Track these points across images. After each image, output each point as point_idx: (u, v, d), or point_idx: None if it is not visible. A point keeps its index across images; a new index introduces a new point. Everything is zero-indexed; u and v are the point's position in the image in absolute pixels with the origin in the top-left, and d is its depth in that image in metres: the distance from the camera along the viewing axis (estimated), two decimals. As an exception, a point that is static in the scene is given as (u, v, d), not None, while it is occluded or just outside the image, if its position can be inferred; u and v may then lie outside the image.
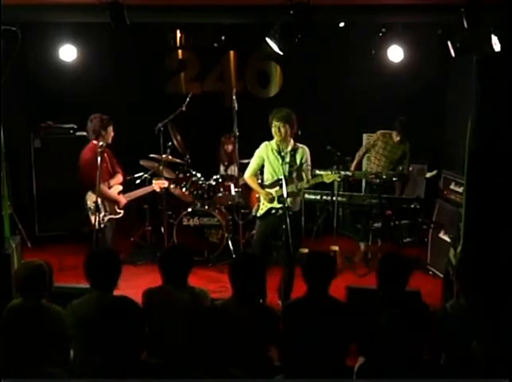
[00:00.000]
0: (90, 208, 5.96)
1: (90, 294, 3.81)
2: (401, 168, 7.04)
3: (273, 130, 5.43)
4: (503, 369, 3.38)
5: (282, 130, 5.38)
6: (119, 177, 6.27)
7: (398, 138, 6.95)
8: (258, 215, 5.66)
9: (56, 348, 3.66)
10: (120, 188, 6.22)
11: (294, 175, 5.49)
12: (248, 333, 3.57)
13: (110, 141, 6.01)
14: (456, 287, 3.90)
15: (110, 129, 6.01)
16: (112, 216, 6.11)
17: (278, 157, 5.44)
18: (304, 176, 5.54)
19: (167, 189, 6.64)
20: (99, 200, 5.86)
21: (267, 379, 3.68)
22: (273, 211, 5.53)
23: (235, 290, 3.78)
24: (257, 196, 5.76)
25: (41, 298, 3.76)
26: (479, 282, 3.64)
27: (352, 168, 7.15)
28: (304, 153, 5.53)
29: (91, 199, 5.96)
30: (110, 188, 6.13)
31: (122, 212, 6.18)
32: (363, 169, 7.34)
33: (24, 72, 7.12)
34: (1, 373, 3.07)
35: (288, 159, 5.41)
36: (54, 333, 3.64)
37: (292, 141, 5.52)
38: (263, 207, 5.61)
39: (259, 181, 5.84)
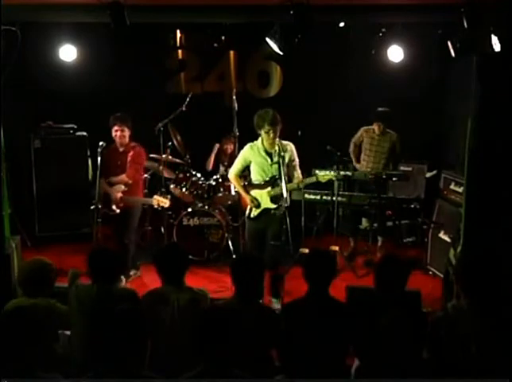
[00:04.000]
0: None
1: (93, 286, 3.94)
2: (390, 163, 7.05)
3: (264, 134, 5.43)
4: (503, 369, 3.38)
5: (274, 133, 5.38)
6: (122, 178, 6.21)
7: (380, 130, 6.98)
8: (252, 216, 5.65)
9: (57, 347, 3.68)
10: (122, 187, 6.17)
11: (283, 174, 5.47)
12: (249, 333, 3.56)
13: (116, 141, 6.15)
14: (456, 287, 3.90)
15: (113, 129, 6.13)
16: (105, 211, 6.14)
17: (267, 157, 5.44)
18: (295, 173, 5.55)
19: (163, 207, 6.33)
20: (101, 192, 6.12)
21: (267, 379, 3.69)
22: (267, 212, 5.52)
23: (237, 290, 3.78)
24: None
25: (44, 296, 3.79)
26: (478, 282, 3.63)
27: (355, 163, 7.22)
28: (291, 150, 5.55)
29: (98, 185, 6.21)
30: (109, 183, 6.19)
31: (117, 210, 6.15)
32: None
33: (24, 72, 7.11)
34: (1, 373, 3.06)
35: (276, 159, 5.39)
36: (55, 332, 3.65)
37: (277, 139, 5.51)
38: (256, 209, 5.60)
39: (245, 182, 5.83)
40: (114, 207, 6.15)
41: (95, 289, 3.90)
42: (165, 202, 6.19)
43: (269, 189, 5.50)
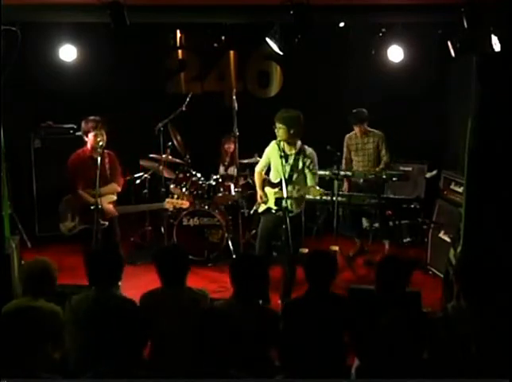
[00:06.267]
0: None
1: (89, 291, 3.89)
2: (384, 159, 7.02)
3: (275, 130, 5.42)
4: (503, 369, 3.38)
5: (280, 131, 5.36)
6: (114, 187, 5.73)
7: (361, 131, 6.98)
8: (259, 211, 5.72)
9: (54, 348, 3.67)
10: (114, 197, 5.70)
11: (294, 178, 5.44)
12: (248, 333, 3.56)
13: (98, 146, 5.46)
14: (456, 287, 3.90)
15: (91, 134, 5.51)
16: (88, 227, 5.52)
17: (282, 158, 5.42)
18: (308, 181, 5.45)
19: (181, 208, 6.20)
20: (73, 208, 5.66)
21: (267, 379, 3.68)
22: (272, 211, 5.52)
23: (236, 291, 3.78)
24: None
25: (45, 297, 3.79)
26: (478, 282, 3.63)
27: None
28: (310, 157, 5.45)
29: (62, 204, 5.74)
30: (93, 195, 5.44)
31: (106, 223, 5.57)
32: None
33: (24, 72, 7.12)
34: (1, 373, 3.07)
35: (290, 161, 5.38)
36: (53, 334, 3.64)
37: (299, 143, 5.47)
38: (263, 205, 5.66)
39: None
40: (102, 221, 5.53)
41: (94, 292, 3.87)
42: (185, 203, 6.08)
43: (276, 189, 5.47)
